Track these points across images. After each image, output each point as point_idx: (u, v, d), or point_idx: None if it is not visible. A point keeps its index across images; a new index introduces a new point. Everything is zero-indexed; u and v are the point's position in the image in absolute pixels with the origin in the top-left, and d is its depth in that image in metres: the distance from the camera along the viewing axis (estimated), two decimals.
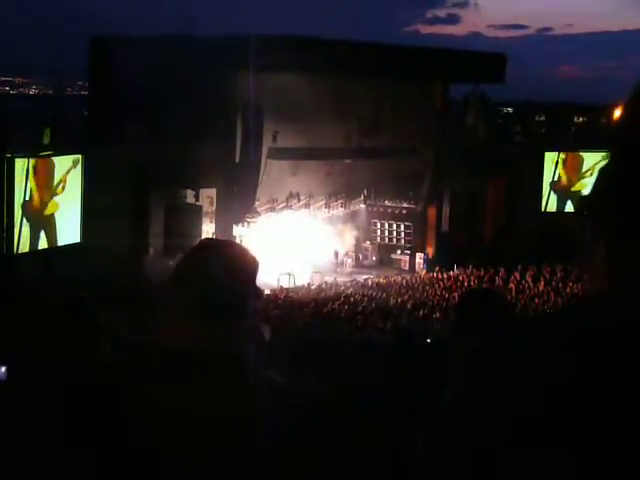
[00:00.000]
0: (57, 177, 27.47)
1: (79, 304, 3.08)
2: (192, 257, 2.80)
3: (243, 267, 2.77)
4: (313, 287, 32.43)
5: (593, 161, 37.39)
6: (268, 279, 31.78)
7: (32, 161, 26.48)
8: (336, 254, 37.23)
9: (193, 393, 2.59)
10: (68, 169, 27.74)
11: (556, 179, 38.91)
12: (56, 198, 27.61)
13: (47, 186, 27.25)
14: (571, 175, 38.98)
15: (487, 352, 1.56)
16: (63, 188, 27.73)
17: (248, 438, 2.62)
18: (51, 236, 27.63)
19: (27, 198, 26.38)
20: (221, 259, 2.74)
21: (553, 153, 38.98)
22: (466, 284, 31.08)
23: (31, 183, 26.42)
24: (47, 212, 27.38)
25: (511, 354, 1.51)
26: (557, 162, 38.93)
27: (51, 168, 27.41)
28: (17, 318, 3.12)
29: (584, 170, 38.47)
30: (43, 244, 27.31)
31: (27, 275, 24.52)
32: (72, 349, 2.93)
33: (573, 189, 38.55)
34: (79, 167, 27.90)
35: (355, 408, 4.12)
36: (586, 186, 38.21)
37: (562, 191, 38.70)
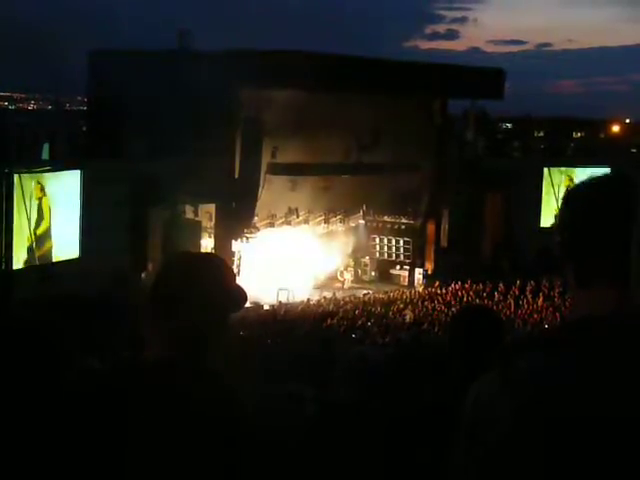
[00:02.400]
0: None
1: (37, 333, 2.98)
2: (165, 279, 2.77)
3: (213, 286, 2.74)
4: (312, 302, 32.37)
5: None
6: (267, 294, 31.75)
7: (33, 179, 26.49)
8: (335, 270, 37.20)
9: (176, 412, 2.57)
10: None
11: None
12: (54, 213, 27.58)
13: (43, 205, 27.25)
14: None
15: (545, 387, 1.59)
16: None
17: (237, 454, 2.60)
18: (49, 251, 27.60)
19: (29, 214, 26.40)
20: (188, 282, 2.71)
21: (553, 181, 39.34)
22: (465, 299, 31.05)
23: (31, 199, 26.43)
24: (45, 227, 27.35)
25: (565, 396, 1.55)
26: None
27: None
28: None
29: None
30: (42, 259, 27.27)
31: (25, 291, 24.47)
32: (27, 378, 2.84)
33: None
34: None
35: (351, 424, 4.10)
36: None
37: None
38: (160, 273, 2.80)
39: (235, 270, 32.10)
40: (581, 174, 39.56)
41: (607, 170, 39.00)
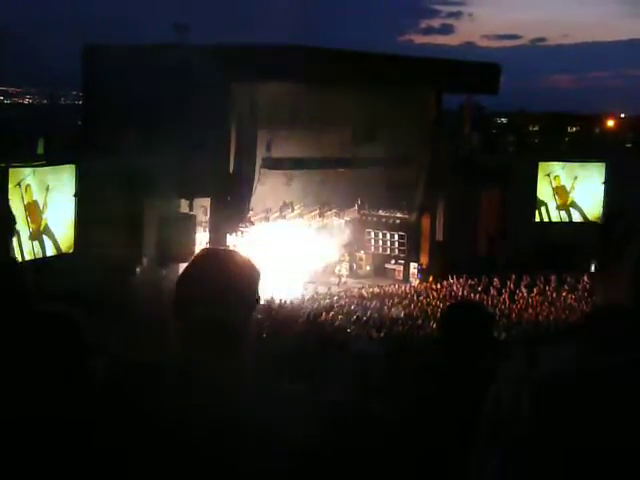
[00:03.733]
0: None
1: (65, 321, 2.98)
2: (192, 276, 2.76)
3: (244, 284, 2.75)
4: (307, 297, 32.37)
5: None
6: (262, 289, 31.64)
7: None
8: (330, 264, 37.17)
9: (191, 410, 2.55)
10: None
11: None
12: (49, 207, 27.56)
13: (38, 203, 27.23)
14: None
15: (566, 387, 1.60)
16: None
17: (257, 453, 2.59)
18: (43, 245, 27.58)
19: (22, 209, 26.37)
20: (221, 280, 2.71)
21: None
22: (460, 294, 31.09)
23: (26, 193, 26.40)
24: (40, 222, 27.33)
25: (590, 393, 1.55)
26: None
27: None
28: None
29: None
30: (35, 254, 27.24)
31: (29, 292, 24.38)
32: (55, 368, 2.85)
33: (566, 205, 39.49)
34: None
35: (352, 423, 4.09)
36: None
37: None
38: (190, 271, 2.79)
39: None
40: (577, 169, 39.74)
41: (602, 165, 39.12)
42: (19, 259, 26.43)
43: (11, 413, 2.76)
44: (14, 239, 3.45)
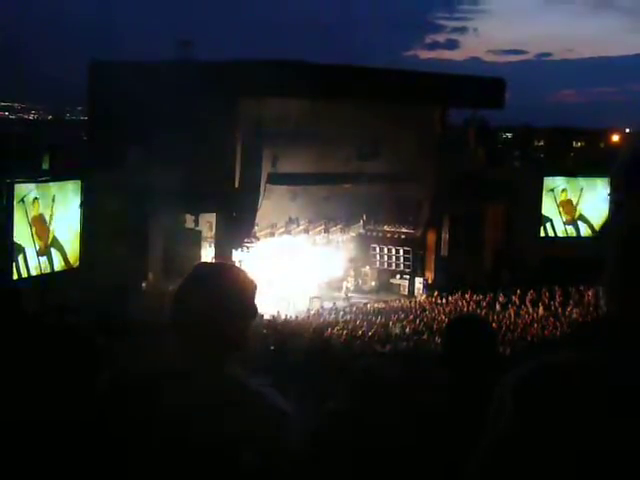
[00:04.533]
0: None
1: (78, 334, 3.05)
2: (188, 291, 2.79)
3: (241, 295, 2.77)
4: (312, 312, 32.35)
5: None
6: (266, 304, 31.74)
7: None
8: (335, 279, 37.17)
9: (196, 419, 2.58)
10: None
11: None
12: (54, 223, 27.59)
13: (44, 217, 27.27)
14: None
15: (538, 386, 1.61)
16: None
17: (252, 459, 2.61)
18: (50, 260, 27.60)
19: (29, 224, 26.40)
20: (218, 291, 2.74)
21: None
22: (465, 309, 31.03)
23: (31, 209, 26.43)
24: (46, 237, 27.35)
25: (563, 390, 1.57)
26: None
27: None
28: (17, 343, 3.09)
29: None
30: (42, 269, 27.25)
31: (24, 300, 24.41)
32: (69, 378, 2.90)
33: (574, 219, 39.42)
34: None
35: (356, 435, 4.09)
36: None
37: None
38: (186, 285, 2.82)
39: None
40: (582, 183, 39.68)
41: (607, 180, 39.07)
42: (25, 274, 26.49)
43: (27, 416, 2.82)
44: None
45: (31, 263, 26.75)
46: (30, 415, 2.83)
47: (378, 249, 39.23)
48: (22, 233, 26.24)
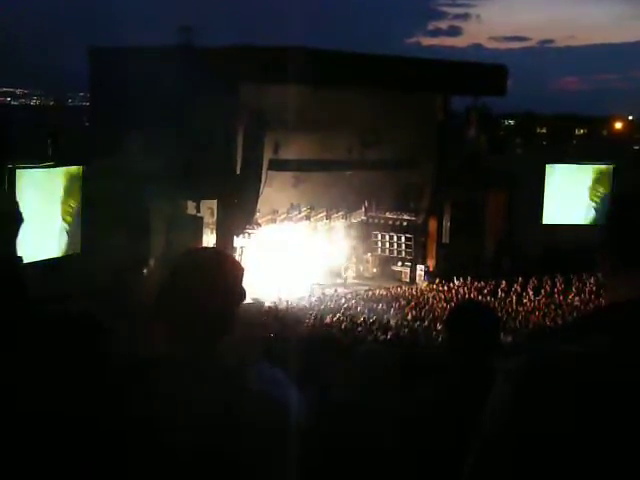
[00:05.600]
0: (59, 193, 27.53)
1: (81, 322, 3.04)
2: (176, 278, 2.79)
3: (227, 279, 2.77)
4: (313, 299, 32.37)
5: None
6: (268, 291, 31.79)
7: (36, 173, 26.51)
8: (337, 266, 37.19)
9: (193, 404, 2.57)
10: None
11: None
12: (56, 209, 27.60)
13: (50, 199, 27.26)
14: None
15: (537, 372, 1.60)
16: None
17: (243, 443, 2.60)
18: (51, 246, 27.60)
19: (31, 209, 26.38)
20: (205, 282, 2.73)
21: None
22: (467, 296, 31.04)
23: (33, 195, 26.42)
24: (48, 222, 27.34)
25: (561, 376, 1.56)
26: None
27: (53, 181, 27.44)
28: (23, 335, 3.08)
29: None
30: (43, 255, 27.26)
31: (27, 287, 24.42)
32: (74, 367, 2.89)
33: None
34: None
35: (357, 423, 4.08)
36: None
37: None
38: (174, 271, 2.82)
39: None
40: (585, 171, 39.61)
41: (610, 167, 39.04)
42: (25, 260, 26.46)
43: (29, 409, 2.81)
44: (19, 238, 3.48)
45: (33, 248, 26.75)
46: (39, 408, 2.82)
47: (380, 236, 39.26)
48: (24, 218, 26.20)
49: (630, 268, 1.81)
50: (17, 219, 3.46)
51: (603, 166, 39.77)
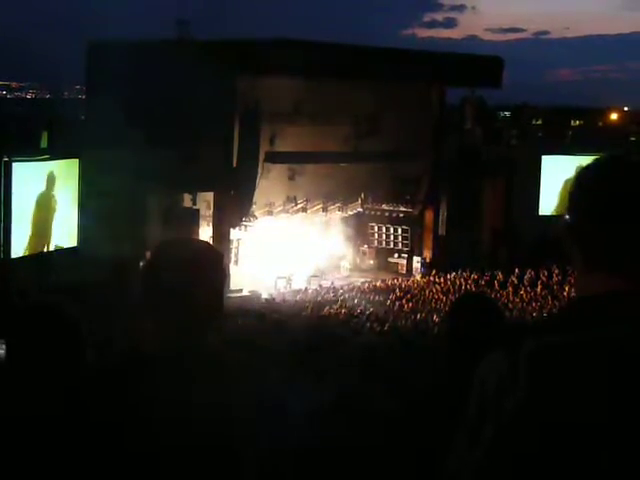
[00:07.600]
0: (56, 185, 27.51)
1: (58, 312, 3.03)
2: (159, 273, 2.79)
3: (210, 271, 2.77)
4: (310, 291, 32.40)
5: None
6: (265, 283, 31.82)
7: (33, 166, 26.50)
8: (333, 258, 37.18)
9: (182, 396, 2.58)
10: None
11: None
12: (52, 201, 27.58)
13: (47, 192, 27.25)
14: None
15: (553, 358, 1.61)
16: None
17: (244, 439, 2.62)
18: (47, 240, 27.60)
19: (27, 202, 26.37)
20: (183, 274, 2.73)
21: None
22: (464, 287, 31.07)
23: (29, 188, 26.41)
24: (43, 216, 27.33)
25: (574, 364, 1.57)
26: None
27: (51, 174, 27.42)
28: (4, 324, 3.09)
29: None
30: (39, 248, 27.25)
31: (22, 280, 24.45)
32: (52, 358, 2.89)
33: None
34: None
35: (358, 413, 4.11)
36: None
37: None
38: (153, 261, 2.82)
39: (233, 259, 32.24)
40: (581, 162, 39.57)
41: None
42: (23, 254, 26.49)
43: (8, 410, 2.81)
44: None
45: (28, 242, 26.74)
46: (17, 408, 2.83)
47: (376, 228, 39.24)
48: (20, 211, 26.21)
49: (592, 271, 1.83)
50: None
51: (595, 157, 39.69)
